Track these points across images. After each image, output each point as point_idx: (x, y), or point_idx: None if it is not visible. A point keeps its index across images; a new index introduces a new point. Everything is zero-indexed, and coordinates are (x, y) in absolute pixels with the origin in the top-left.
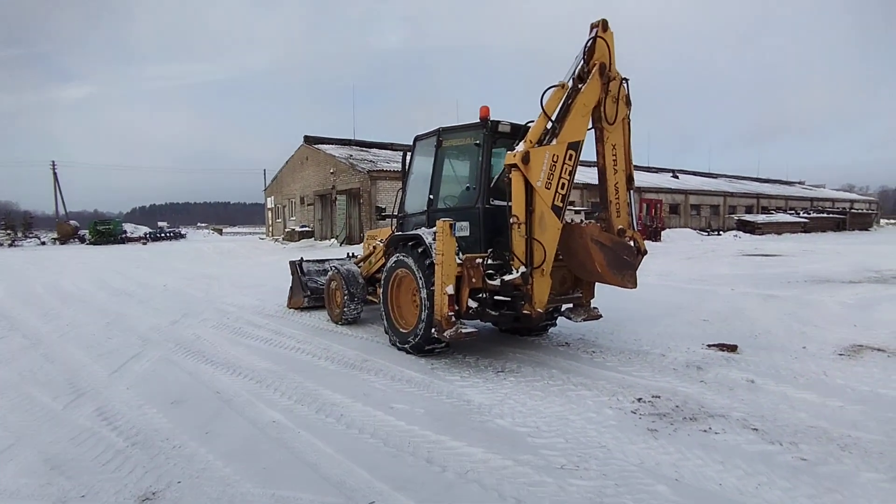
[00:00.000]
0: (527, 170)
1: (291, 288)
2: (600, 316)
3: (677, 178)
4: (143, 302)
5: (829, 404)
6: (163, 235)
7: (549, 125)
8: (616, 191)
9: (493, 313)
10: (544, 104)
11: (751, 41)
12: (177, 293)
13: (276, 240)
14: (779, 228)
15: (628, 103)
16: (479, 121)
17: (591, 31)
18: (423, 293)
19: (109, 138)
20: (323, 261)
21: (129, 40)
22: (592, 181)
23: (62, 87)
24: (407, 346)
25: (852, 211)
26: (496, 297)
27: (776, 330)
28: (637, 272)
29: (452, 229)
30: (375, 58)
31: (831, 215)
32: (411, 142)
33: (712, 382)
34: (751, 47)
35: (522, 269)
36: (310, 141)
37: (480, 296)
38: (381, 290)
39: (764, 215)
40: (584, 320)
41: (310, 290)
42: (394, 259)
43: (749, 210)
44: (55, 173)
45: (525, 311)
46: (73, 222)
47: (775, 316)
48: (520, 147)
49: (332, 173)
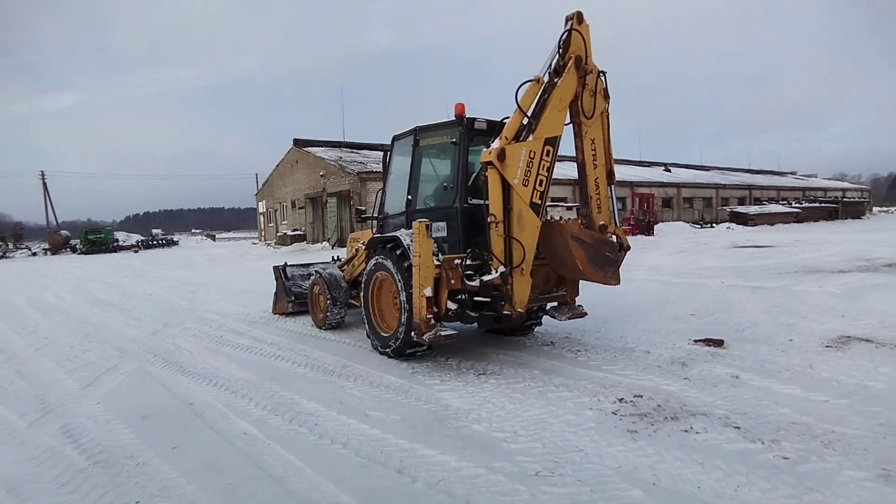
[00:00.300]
0: (503, 167)
1: (276, 293)
2: (585, 314)
3: (669, 171)
4: (125, 312)
5: (814, 398)
6: (155, 243)
7: (526, 121)
8: (596, 186)
9: (473, 314)
10: (519, 100)
11: (742, 30)
12: (161, 302)
13: (269, 244)
14: (771, 219)
15: (606, 97)
16: (454, 118)
17: (566, 24)
18: (403, 296)
19: (101, 146)
20: (307, 265)
21: (115, 47)
22: None
23: (51, 96)
24: (388, 350)
25: (844, 200)
26: (476, 298)
27: (763, 322)
28: (620, 268)
29: (429, 230)
30: (364, 58)
31: (823, 204)
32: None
33: (696, 379)
34: (741, 36)
35: (501, 268)
36: (299, 144)
37: (460, 297)
38: (362, 294)
39: (756, 206)
40: (569, 319)
41: (294, 296)
42: (373, 262)
43: (741, 201)
44: (45, 183)
45: (505, 312)
46: (64, 232)
47: (763, 308)
48: (495, 144)
49: (322, 176)
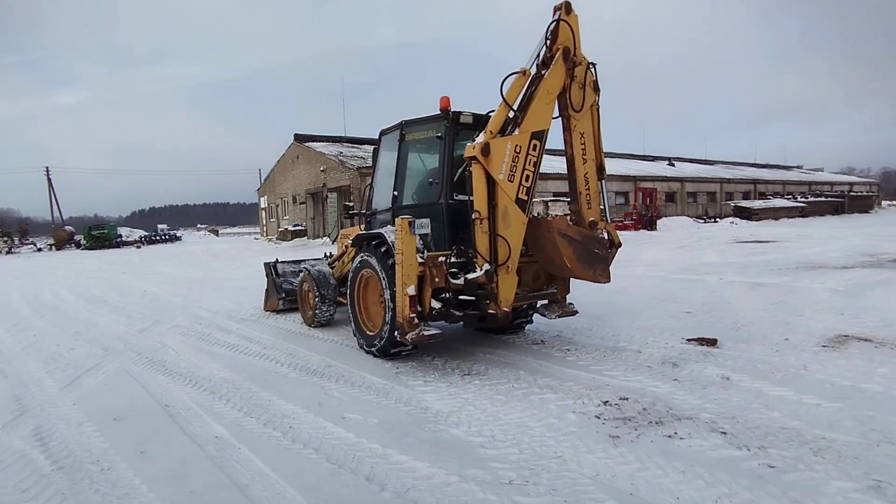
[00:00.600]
0: (487, 162)
1: (267, 291)
2: (576, 312)
3: (673, 165)
4: (117, 309)
5: (806, 402)
6: (158, 238)
7: (511, 114)
8: (586, 181)
9: (458, 314)
10: (504, 92)
11: (750, 21)
12: (154, 299)
13: (271, 240)
14: (775, 214)
15: (596, 89)
16: (439, 112)
17: (553, 14)
18: (387, 294)
19: (107, 142)
20: (298, 261)
21: (121, 43)
22: None
23: (57, 92)
24: (374, 349)
25: (851, 194)
26: (461, 297)
27: (760, 320)
28: (611, 265)
29: (412, 227)
30: (367, 53)
31: (829, 199)
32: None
33: (685, 380)
34: (748, 28)
35: (486, 266)
36: (300, 139)
37: (444, 296)
38: (348, 292)
39: (761, 201)
40: (559, 317)
41: (284, 293)
42: (359, 259)
43: (746, 196)
44: (49, 179)
45: (490, 311)
46: (68, 228)
47: (761, 305)
48: (479, 138)
49: (322, 171)
